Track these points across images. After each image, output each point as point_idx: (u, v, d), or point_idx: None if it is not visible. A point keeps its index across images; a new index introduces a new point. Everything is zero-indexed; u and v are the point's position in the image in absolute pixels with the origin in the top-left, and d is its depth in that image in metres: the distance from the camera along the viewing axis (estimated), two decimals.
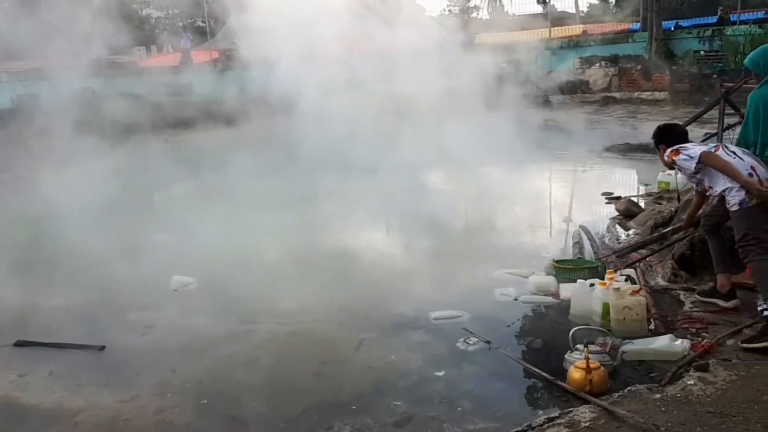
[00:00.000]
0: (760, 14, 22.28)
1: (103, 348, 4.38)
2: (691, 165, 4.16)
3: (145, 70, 18.13)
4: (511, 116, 12.12)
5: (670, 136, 4.56)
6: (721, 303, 4.33)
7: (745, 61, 4.50)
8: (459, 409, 3.44)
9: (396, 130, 9.91)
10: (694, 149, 4.21)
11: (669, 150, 4.35)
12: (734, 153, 4.12)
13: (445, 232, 7.07)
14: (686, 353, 3.66)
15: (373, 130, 9.93)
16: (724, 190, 4.07)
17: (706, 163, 4.11)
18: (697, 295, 4.52)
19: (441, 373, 3.83)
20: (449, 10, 48.56)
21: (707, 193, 4.41)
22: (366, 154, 9.66)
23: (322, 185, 8.89)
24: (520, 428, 3.11)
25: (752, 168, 3.99)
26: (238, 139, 13.45)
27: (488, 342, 4.16)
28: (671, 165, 4.45)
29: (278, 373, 3.99)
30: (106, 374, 4.04)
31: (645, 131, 13.05)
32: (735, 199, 3.99)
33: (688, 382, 3.37)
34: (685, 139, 4.52)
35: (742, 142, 4.40)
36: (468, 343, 4.18)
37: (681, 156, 4.23)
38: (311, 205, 8.19)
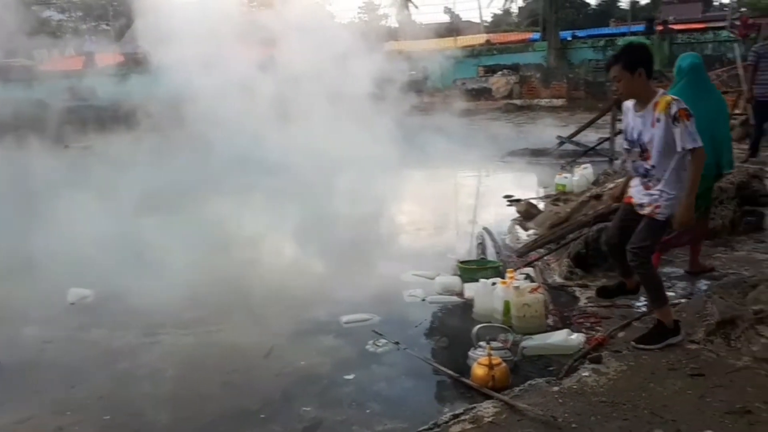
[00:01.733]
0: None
1: None
2: (690, 143, 3.46)
3: (47, 74, 17.19)
4: (417, 122, 12.38)
5: (649, 62, 3.64)
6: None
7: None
8: (368, 410, 3.48)
9: (302, 135, 9.85)
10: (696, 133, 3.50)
11: (683, 104, 3.51)
12: None
13: (354, 236, 7.12)
14: (581, 347, 3.86)
15: (277, 134, 9.80)
16: (660, 193, 3.62)
17: (695, 157, 3.50)
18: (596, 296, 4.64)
19: (351, 376, 3.86)
20: (359, 18, 49.08)
21: (629, 165, 3.83)
22: (270, 157, 9.51)
23: (222, 188, 8.68)
24: (426, 426, 3.17)
25: None
26: (141, 143, 12.97)
27: (397, 343, 4.23)
28: (628, 97, 3.71)
29: (184, 384, 3.89)
30: (1, 393, 3.84)
31: (544, 137, 13.72)
32: (667, 210, 3.61)
33: (583, 374, 3.55)
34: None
35: None
36: (377, 345, 4.23)
37: (689, 124, 3.48)
38: (213, 210, 7.99)
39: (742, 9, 33.69)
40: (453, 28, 27.46)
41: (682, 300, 4.49)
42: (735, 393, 3.23)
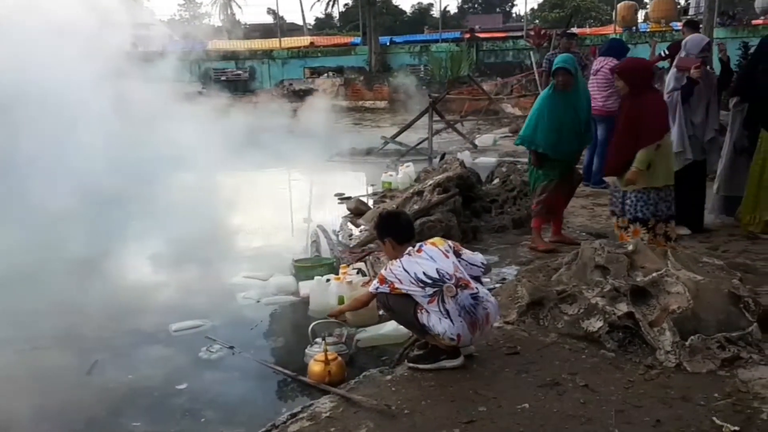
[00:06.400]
0: (457, 34, 25.59)
1: None
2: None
3: None
4: (243, 123, 12.16)
5: (391, 230, 3.79)
6: None
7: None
8: (203, 419, 3.39)
9: (115, 136, 9.11)
10: (405, 277, 3.48)
11: (381, 272, 3.65)
12: (447, 312, 3.43)
13: (183, 240, 6.80)
14: (410, 335, 4.00)
15: (87, 135, 8.95)
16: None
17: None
18: None
19: (183, 386, 3.72)
20: (180, 15, 47.10)
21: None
22: (82, 160, 8.68)
23: (32, 192, 7.75)
24: (264, 428, 3.14)
25: (458, 336, 3.45)
26: None
27: (231, 347, 4.15)
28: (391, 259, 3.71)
29: None
30: None
31: (369, 137, 14.16)
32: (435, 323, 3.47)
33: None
34: (411, 230, 3.84)
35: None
36: (211, 351, 4.13)
37: (375, 283, 3.64)
38: (22, 216, 7.13)
39: (536, 21, 37.44)
40: (277, 29, 27.33)
41: (496, 285, 4.89)
42: (545, 367, 3.54)
